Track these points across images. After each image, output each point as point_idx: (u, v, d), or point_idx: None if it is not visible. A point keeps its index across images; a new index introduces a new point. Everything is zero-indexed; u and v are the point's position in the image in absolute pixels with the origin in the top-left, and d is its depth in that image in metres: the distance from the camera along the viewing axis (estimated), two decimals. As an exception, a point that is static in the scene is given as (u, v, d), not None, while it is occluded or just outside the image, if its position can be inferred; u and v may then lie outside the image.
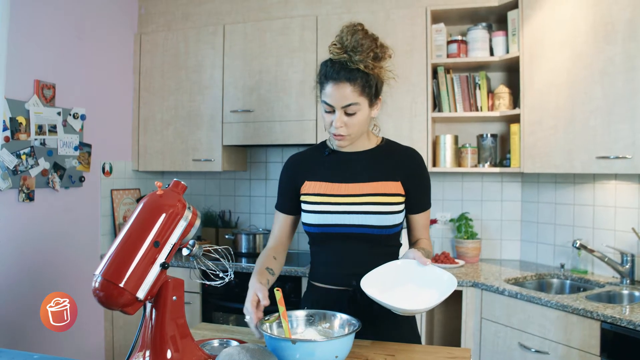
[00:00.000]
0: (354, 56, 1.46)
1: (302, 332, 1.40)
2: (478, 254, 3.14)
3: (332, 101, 1.50)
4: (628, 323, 1.95)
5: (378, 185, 1.59)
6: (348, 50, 1.47)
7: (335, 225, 1.58)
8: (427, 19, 2.99)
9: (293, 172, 1.70)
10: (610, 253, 2.65)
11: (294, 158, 1.74)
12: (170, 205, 1.25)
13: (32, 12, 2.82)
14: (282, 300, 1.34)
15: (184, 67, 3.47)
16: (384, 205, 1.56)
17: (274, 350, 1.24)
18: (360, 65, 1.47)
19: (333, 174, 1.63)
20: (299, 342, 1.20)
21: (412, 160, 1.64)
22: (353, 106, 1.49)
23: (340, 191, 1.60)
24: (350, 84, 1.47)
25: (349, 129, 1.52)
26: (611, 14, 2.40)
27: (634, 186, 2.62)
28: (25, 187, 2.76)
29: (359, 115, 1.51)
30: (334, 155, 1.66)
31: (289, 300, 2.93)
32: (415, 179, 1.63)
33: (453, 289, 1.32)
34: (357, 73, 1.47)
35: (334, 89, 1.48)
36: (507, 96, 2.98)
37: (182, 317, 1.28)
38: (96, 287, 1.15)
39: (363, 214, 1.56)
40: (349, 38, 1.47)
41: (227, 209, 3.79)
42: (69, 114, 3.04)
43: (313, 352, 1.21)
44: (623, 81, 2.36)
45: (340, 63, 1.48)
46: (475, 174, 3.28)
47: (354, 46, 1.46)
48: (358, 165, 1.63)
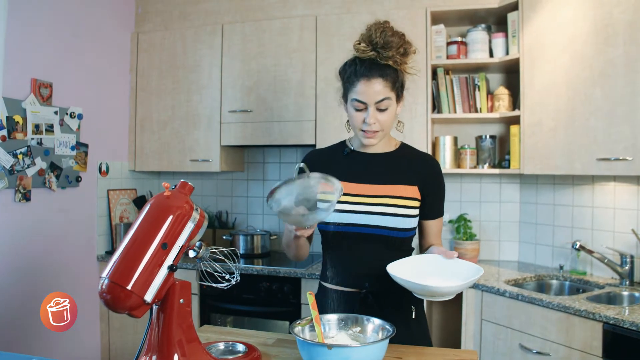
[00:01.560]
0: (384, 52, 1.50)
1: (334, 337, 1.37)
2: (477, 255, 3.14)
3: (365, 98, 1.52)
4: (631, 324, 1.95)
5: (396, 188, 1.60)
6: (377, 48, 1.51)
7: (352, 224, 1.58)
8: (427, 19, 2.99)
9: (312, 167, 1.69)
10: (610, 254, 2.66)
11: (313, 154, 1.74)
12: (178, 207, 1.23)
13: (29, 11, 2.78)
14: (315, 304, 1.33)
15: (182, 67, 3.45)
16: (401, 208, 1.57)
17: (308, 355, 1.22)
18: (389, 61, 1.51)
19: (352, 174, 1.63)
20: (335, 348, 1.17)
21: (430, 167, 1.67)
22: (386, 101, 1.52)
23: (358, 191, 1.60)
24: (382, 79, 1.51)
25: (382, 125, 1.55)
26: (612, 16, 2.40)
27: (633, 187, 2.63)
28: (22, 187, 2.73)
29: (390, 111, 1.55)
30: (353, 155, 1.67)
31: (288, 301, 2.92)
32: (433, 186, 1.65)
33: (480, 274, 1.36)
34: (388, 69, 1.52)
35: (367, 86, 1.51)
36: (506, 98, 2.99)
37: (189, 320, 1.26)
38: (103, 289, 1.13)
39: (380, 215, 1.57)
40: (377, 35, 1.50)
41: (224, 210, 3.77)
42: (66, 113, 3.01)
43: (349, 358, 1.18)
44: (623, 83, 2.37)
45: (370, 60, 1.52)
46: (474, 175, 3.29)
47: (384, 43, 1.50)
48: (377, 167, 1.64)
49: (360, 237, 1.58)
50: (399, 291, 1.64)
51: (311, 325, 1.34)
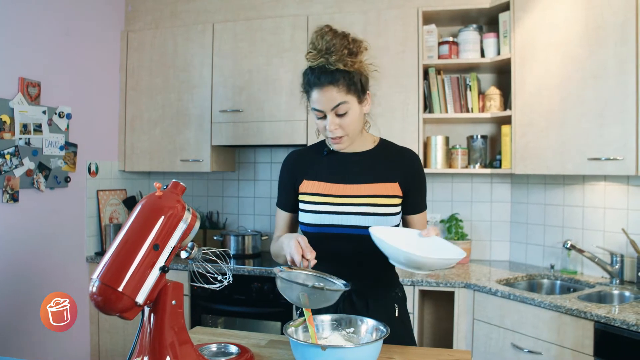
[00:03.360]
0: (330, 57, 1.46)
1: (327, 337, 1.36)
2: (468, 255, 3.15)
3: (321, 106, 1.50)
4: (621, 323, 1.96)
5: (376, 187, 1.59)
6: (323, 54, 1.47)
7: (332, 225, 1.58)
8: (418, 19, 2.99)
9: (292, 169, 1.69)
10: (600, 253, 2.67)
11: (292, 155, 1.73)
12: (170, 207, 1.21)
13: (17, 9, 2.74)
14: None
15: (172, 66, 3.42)
16: (381, 207, 1.57)
17: (302, 356, 1.20)
18: (339, 65, 1.47)
19: (331, 174, 1.62)
20: (329, 349, 1.16)
21: (410, 162, 1.65)
22: (342, 105, 1.49)
23: (338, 192, 1.60)
24: (334, 85, 1.47)
25: (345, 130, 1.52)
26: (603, 17, 2.42)
27: (623, 187, 2.65)
28: (10, 188, 2.69)
29: (350, 114, 1.51)
30: (332, 155, 1.66)
31: (280, 302, 2.91)
32: (414, 181, 1.64)
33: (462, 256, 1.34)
34: (338, 73, 1.47)
35: (320, 95, 1.49)
36: (497, 98, 2.99)
37: (181, 322, 1.24)
38: (94, 291, 1.11)
39: (360, 215, 1.56)
40: (320, 41, 1.47)
41: (215, 210, 3.75)
42: (55, 112, 2.97)
43: (343, 359, 1.17)
44: (614, 84, 2.38)
45: (320, 68, 1.48)
46: (465, 175, 3.29)
47: (327, 48, 1.47)
48: (356, 166, 1.63)
49: (342, 238, 1.57)
50: (383, 291, 1.64)
51: (304, 326, 1.33)
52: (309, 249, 1.39)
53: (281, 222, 1.74)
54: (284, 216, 1.73)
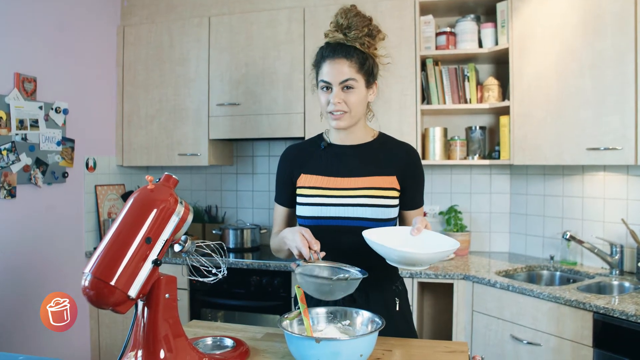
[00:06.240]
0: (349, 33, 1.51)
1: (323, 330, 1.35)
2: (467, 247, 3.14)
3: (330, 77, 1.52)
4: (620, 313, 1.95)
5: (373, 180, 1.59)
6: (343, 29, 1.52)
7: (329, 217, 1.57)
8: (415, 10, 2.97)
9: (289, 164, 1.69)
10: (600, 244, 2.66)
11: (289, 150, 1.72)
12: (162, 200, 1.21)
13: (12, 3, 2.73)
14: (304, 297, 1.32)
15: (169, 60, 3.40)
16: (379, 198, 1.56)
17: (296, 349, 1.20)
18: (356, 43, 1.52)
19: (329, 168, 1.62)
20: (323, 341, 1.15)
21: (408, 156, 1.65)
22: (351, 81, 1.52)
23: (335, 185, 1.59)
24: (347, 59, 1.51)
25: (349, 105, 1.54)
26: (601, 7, 2.40)
27: (622, 177, 2.64)
28: (7, 184, 2.68)
29: (356, 92, 1.53)
30: (330, 149, 1.65)
31: (279, 295, 2.90)
32: (412, 176, 1.63)
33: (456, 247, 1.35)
34: (354, 50, 1.52)
35: (331, 66, 1.52)
36: (496, 88, 2.98)
37: (175, 315, 1.24)
38: (86, 285, 1.10)
39: (358, 206, 1.56)
40: (342, 17, 1.53)
41: (213, 204, 3.74)
42: (51, 108, 2.96)
43: (338, 351, 1.16)
44: (612, 74, 2.36)
45: (337, 43, 1.53)
46: (464, 167, 3.28)
47: (348, 24, 1.52)
48: (354, 159, 1.62)
49: (340, 230, 1.57)
50: (383, 284, 1.63)
51: (300, 318, 1.33)
52: (314, 241, 1.40)
53: (280, 218, 1.73)
54: (283, 211, 1.72)
